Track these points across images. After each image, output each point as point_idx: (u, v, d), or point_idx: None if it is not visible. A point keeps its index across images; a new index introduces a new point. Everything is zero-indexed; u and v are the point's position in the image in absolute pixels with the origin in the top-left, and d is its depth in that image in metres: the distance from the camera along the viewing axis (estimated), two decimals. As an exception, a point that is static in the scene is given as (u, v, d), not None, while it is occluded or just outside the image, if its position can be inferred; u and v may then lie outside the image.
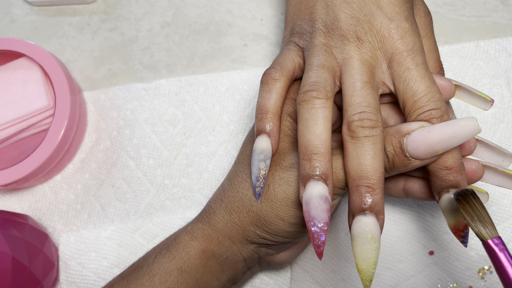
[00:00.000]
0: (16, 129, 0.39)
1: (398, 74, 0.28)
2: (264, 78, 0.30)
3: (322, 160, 0.27)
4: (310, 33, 0.31)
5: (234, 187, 0.32)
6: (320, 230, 0.25)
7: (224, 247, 0.32)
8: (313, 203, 0.26)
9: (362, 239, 0.25)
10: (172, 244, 0.33)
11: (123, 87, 0.43)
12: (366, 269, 0.25)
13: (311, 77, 0.29)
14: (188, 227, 0.33)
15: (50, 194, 0.41)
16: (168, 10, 0.46)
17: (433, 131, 0.26)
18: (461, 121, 0.26)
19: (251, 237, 0.31)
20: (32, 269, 0.35)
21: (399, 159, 0.27)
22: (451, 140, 0.26)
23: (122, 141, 0.42)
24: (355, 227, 0.26)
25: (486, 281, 0.37)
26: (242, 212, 0.31)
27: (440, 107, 0.27)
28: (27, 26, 0.46)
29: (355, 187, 0.26)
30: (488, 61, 0.42)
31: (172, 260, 0.32)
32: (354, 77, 0.28)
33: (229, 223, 0.31)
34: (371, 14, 0.29)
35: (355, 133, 0.27)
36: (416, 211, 0.39)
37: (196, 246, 0.32)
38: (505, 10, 0.44)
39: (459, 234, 0.28)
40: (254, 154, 0.29)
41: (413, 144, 0.27)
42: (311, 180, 0.26)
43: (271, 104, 0.30)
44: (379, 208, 0.26)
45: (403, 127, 0.27)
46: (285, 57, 0.31)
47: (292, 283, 0.39)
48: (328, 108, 0.27)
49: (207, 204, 0.34)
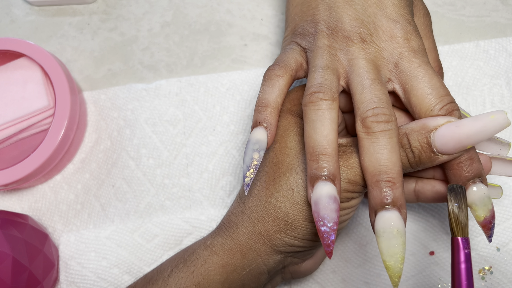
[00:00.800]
0: (16, 129, 0.39)
1: (407, 73, 0.28)
2: (268, 74, 0.30)
3: (330, 160, 0.26)
4: (313, 35, 0.31)
5: (254, 197, 0.31)
6: (330, 229, 0.25)
7: (248, 260, 0.31)
8: (322, 203, 0.26)
9: (388, 234, 0.25)
10: (190, 259, 0.31)
11: (123, 87, 0.43)
12: (394, 265, 0.25)
13: (316, 79, 0.28)
14: (207, 242, 0.32)
15: (50, 194, 0.41)
16: (168, 10, 0.46)
17: (462, 126, 0.26)
18: (490, 115, 0.26)
19: (279, 246, 0.30)
20: (32, 269, 0.35)
21: (426, 155, 0.27)
22: (480, 134, 0.26)
23: (122, 141, 0.42)
24: (379, 223, 0.26)
25: (487, 281, 0.37)
26: (267, 221, 0.30)
27: (454, 101, 0.28)
28: (27, 26, 0.46)
29: (375, 182, 0.26)
30: (488, 61, 0.42)
31: (190, 276, 0.31)
32: (361, 76, 0.28)
33: (254, 235, 0.30)
34: (375, 15, 0.29)
35: (370, 129, 0.26)
36: (417, 212, 0.39)
37: (216, 262, 0.31)
38: (505, 10, 0.44)
39: (488, 227, 0.28)
40: (248, 144, 0.29)
41: (442, 139, 0.26)
42: (319, 180, 0.26)
43: (272, 99, 0.30)
44: (401, 202, 0.26)
45: (429, 122, 0.27)
46: (289, 56, 0.31)
47: (292, 283, 0.39)
48: (334, 109, 0.27)
49: (225, 218, 0.33)
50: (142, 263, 0.39)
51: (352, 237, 0.39)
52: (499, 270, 0.37)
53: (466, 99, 0.41)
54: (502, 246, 0.38)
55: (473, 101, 0.41)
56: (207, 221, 0.39)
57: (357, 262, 0.38)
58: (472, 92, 0.41)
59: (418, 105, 0.28)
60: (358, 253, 0.38)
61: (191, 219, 0.40)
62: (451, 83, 0.42)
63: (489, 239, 0.28)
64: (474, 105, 0.41)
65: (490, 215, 0.27)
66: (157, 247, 0.39)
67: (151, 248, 0.39)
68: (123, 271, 0.39)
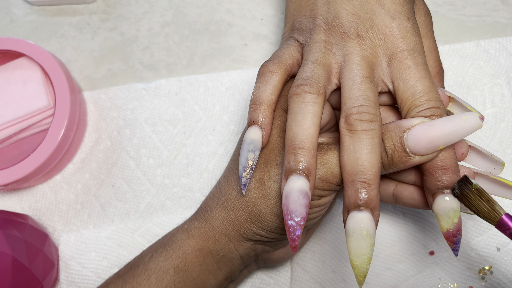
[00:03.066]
0: (16, 129, 0.39)
1: (398, 73, 0.28)
2: (261, 70, 0.30)
3: (307, 155, 0.26)
4: (310, 30, 0.31)
5: (230, 184, 0.32)
6: (297, 224, 0.25)
7: (221, 245, 0.32)
8: (292, 197, 0.26)
9: (357, 235, 0.25)
10: (169, 243, 0.33)
11: (123, 87, 0.43)
12: (360, 265, 0.25)
13: (305, 72, 0.28)
14: (185, 226, 0.33)
15: (50, 194, 0.41)
16: (168, 10, 0.46)
17: (435, 125, 0.26)
18: (462, 115, 0.26)
19: (247, 234, 0.31)
20: (32, 269, 0.35)
21: (398, 155, 0.27)
22: (452, 135, 0.26)
23: (122, 141, 0.42)
24: (350, 223, 0.26)
25: (487, 281, 0.37)
26: (239, 209, 0.31)
27: (439, 106, 0.27)
28: (27, 26, 0.46)
29: (351, 182, 0.26)
30: (488, 60, 0.42)
31: (169, 259, 0.32)
32: (353, 72, 0.28)
33: (226, 221, 0.31)
34: (372, 11, 0.29)
35: (352, 126, 0.26)
36: (417, 211, 0.39)
37: (193, 245, 0.32)
38: (505, 9, 0.44)
39: (452, 240, 0.27)
40: (243, 144, 0.29)
41: (414, 138, 0.26)
42: (293, 174, 0.26)
43: (266, 96, 0.29)
44: (374, 204, 0.26)
45: (403, 122, 0.27)
46: (284, 52, 0.31)
47: (292, 283, 0.39)
48: (318, 104, 0.27)
49: (203, 201, 0.34)
50: (142, 263, 0.39)
51: (352, 237, 0.39)
52: (499, 270, 0.37)
53: (466, 98, 0.41)
54: (502, 246, 0.37)
55: (473, 100, 0.41)
56: (207, 221, 0.39)
57: (357, 262, 0.38)
58: (473, 91, 0.41)
59: (403, 106, 0.28)
60: (358, 253, 0.38)
61: (191, 219, 0.40)
62: (451, 83, 0.42)
63: (455, 253, 0.27)
64: (475, 105, 0.41)
65: (455, 229, 0.27)
66: (157, 247, 0.39)
67: (151, 248, 0.39)
68: (123, 271, 0.39)
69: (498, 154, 0.40)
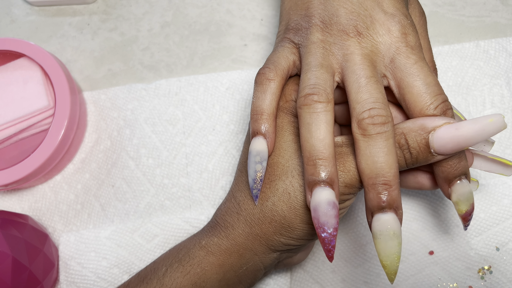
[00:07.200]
0: (16, 129, 0.39)
1: (403, 69, 0.28)
2: (258, 78, 0.30)
3: (328, 165, 0.26)
4: (306, 29, 0.30)
5: (250, 199, 0.31)
6: (330, 235, 0.26)
7: (245, 259, 0.31)
8: (321, 210, 0.26)
9: (384, 236, 0.25)
10: (185, 259, 0.31)
11: (123, 87, 0.43)
12: (391, 264, 0.26)
13: (310, 79, 0.28)
14: (202, 242, 0.32)
15: (50, 194, 0.41)
16: (168, 10, 0.46)
17: (462, 129, 0.26)
18: (489, 118, 0.26)
19: (275, 245, 0.30)
20: (32, 269, 0.35)
21: (423, 155, 0.27)
22: (478, 137, 0.26)
23: (122, 141, 0.42)
24: (376, 226, 0.26)
25: (486, 281, 0.37)
26: (264, 223, 0.30)
27: (448, 100, 0.28)
28: (27, 26, 0.47)
29: (371, 185, 0.26)
30: (488, 61, 0.42)
31: (186, 276, 0.31)
32: (357, 73, 0.28)
33: (251, 236, 0.30)
34: (371, 9, 0.29)
35: (366, 131, 0.26)
36: (417, 211, 0.39)
37: (213, 262, 0.31)
38: (505, 10, 0.44)
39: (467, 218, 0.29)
40: (250, 156, 0.29)
41: (440, 141, 0.26)
42: (317, 186, 0.26)
43: (266, 105, 0.29)
44: (397, 204, 0.26)
45: (427, 122, 0.27)
46: (279, 55, 0.31)
47: (292, 283, 0.39)
48: (329, 111, 0.27)
49: (219, 217, 0.33)
50: (142, 263, 0.39)
51: (352, 237, 0.39)
52: (498, 270, 0.37)
53: (466, 99, 0.41)
54: (501, 246, 0.38)
55: (473, 101, 0.41)
56: (207, 221, 0.39)
57: (356, 262, 0.38)
58: (472, 92, 0.41)
59: (413, 102, 0.28)
60: (357, 253, 0.39)
61: (191, 219, 0.40)
62: (451, 83, 0.42)
63: (465, 228, 0.29)
64: (474, 105, 0.41)
65: (471, 209, 0.28)
66: (157, 247, 0.39)
67: (151, 248, 0.39)
68: (123, 271, 0.39)
69: (497, 154, 0.40)
